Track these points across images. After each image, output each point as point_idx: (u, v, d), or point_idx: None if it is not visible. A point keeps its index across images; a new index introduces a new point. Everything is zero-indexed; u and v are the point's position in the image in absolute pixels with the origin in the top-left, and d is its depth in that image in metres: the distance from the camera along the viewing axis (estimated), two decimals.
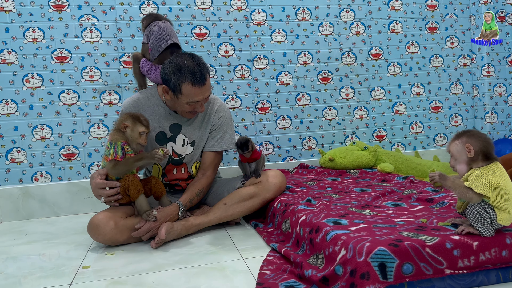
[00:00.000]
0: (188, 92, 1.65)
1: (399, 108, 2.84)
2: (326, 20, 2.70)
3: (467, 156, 1.16)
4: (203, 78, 1.65)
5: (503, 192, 1.11)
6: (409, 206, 1.55)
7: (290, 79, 2.67)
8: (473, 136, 1.17)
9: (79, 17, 2.34)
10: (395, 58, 2.81)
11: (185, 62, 1.65)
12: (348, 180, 2.22)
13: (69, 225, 2.11)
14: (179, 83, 1.64)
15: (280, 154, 2.69)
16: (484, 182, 1.10)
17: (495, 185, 1.10)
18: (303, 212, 1.50)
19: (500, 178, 1.11)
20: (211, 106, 1.87)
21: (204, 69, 1.67)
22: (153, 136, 1.81)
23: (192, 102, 1.68)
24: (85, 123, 2.37)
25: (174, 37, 1.85)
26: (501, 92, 2.86)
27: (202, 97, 1.68)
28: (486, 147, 1.15)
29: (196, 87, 1.64)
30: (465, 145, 1.16)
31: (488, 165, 1.14)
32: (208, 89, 1.70)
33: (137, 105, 1.80)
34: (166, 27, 1.87)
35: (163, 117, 1.81)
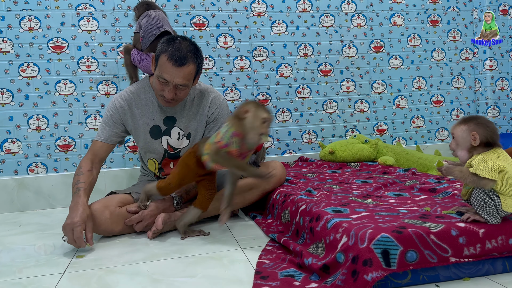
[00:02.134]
0: (162, 63, 1.57)
1: (400, 102, 2.81)
2: (327, 11, 2.66)
3: (470, 143, 1.13)
4: (181, 60, 1.54)
5: (508, 177, 1.07)
6: (412, 196, 1.52)
7: (290, 71, 2.63)
8: (481, 125, 1.13)
9: (76, 6, 2.30)
10: (396, 51, 2.78)
11: (179, 40, 1.59)
12: (349, 172, 2.19)
13: (64, 217, 2.02)
14: (161, 51, 1.57)
15: (279, 147, 2.65)
16: (488, 165, 1.07)
17: (500, 168, 1.06)
18: (303, 201, 1.47)
19: (504, 162, 1.08)
20: (205, 97, 1.79)
21: (190, 57, 1.56)
22: (147, 130, 1.75)
23: (161, 78, 1.58)
24: (82, 114, 2.33)
25: (166, 25, 1.78)
26: (503, 86, 2.83)
27: (170, 78, 1.56)
28: (492, 137, 1.12)
29: (170, 63, 1.54)
30: (471, 132, 1.13)
31: (490, 150, 1.11)
32: (182, 77, 1.57)
33: (129, 98, 1.73)
34: (158, 16, 1.81)
35: (156, 110, 1.75)
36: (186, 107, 1.77)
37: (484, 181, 1.07)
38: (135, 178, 2.21)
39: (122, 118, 1.73)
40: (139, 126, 1.75)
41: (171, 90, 1.59)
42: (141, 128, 1.75)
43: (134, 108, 1.74)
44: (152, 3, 1.97)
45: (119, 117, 1.73)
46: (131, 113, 1.74)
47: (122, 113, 1.73)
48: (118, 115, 1.73)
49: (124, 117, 1.74)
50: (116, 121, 1.73)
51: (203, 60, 1.67)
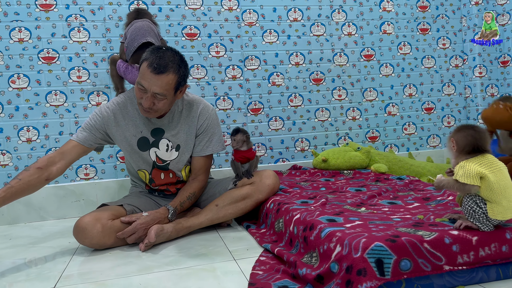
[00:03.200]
0: (142, 70, 1.55)
1: (391, 109, 2.82)
2: (317, 20, 2.68)
3: (453, 150, 1.16)
4: (160, 68, 1.52)
5: (491, 183, 1.07)
6: (405, 204, 1.52)
7: (282, 80, 2.64)
8: (460, 131, 1.17)
9: (67, 17, 2.29)
10: (387, 59, 2.80)
11: (165, 49, 1.58)
12: (342, 180, 2.19)
13: (55, 229, 2.04)
14: (143, 59, 1.56)
15: (272, 155, 2.65)
16: (466, 171, 1.08)
17: (479, 174, 1.07)
18: (297, 210, 1.46)
19: (484, 168, 1.08)
20: (194, 109, 1.78)
21: (171, 67, 1.54)
22: (135, 141, 1.73)
23: (140, 85, 1.56)
24: (73, 125, 2.31)
25: (150, 35, 1.75)
26: (493, 93, 2.86)
27: (147, 85, 1.54)
28: (472, 141, 1.13)
29: (149, 70, 1.53)
30: (450, 139, 1.17)
31: (475, 157, 1.12)
32: (160, 86, 1.54)
33: (115, 109, 1.72)
34: (143, 26, 1.78)
35: (143, 122, 1.73)
36: (174, 119, 1.76)
37: (467, 186, 1.08)
38: (127, 189, 2.19)
39: (105, 128, 1.71)
40: (126, 137, 1.73)
41: (148, 98, 1.57)
42: (128, 140, 1.73)
43: (121, 119, 1.72)
44: (142, 10, 1.95)
45: (102, 126, 1.71)
46: (117, 124, 1.72)
47: (106, 122, 1.71)
48: (102, 123, 1.71)
49: (108, 127, 1.72)
50: (98, 128, 1.70)
51: (187, 72, 1.64)
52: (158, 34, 1.83)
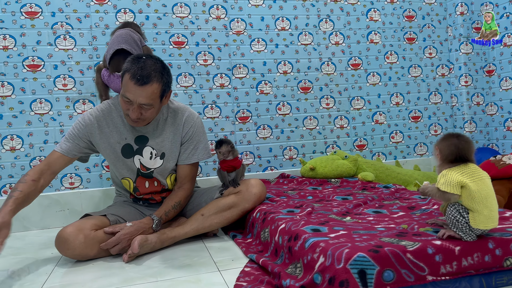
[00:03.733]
0: (125, 82, 1.55)
1: (379, 118, 2.84)
2: (305, 30, 2.70)
3: (437, 158, 1.17)
4: (143, 79, 1.52)
5: (472, 192, 1.08)
6: (390, 213, 1.52)
7: (270, 89, 2.64)
8: (444, 140, 1.17)
9: (52, 25, 2.28)
10: (374, 68, 2.82)
11: (145, 58, 1.56)
12: (329, 189, 2.19)
13: (38, 240, 2.01)
14: (125, 70, 1.55)
15: (260, 164, 2.64)
16: (447, 179, 1.09)
17: (459, 183, 1.08)
18: (283, 220, 1.45)
19: (465, 178, 1.09)
20: (179, 116, 1.77)
21: (154, 76, 1.53)
22: (119, 149, 1.72)
23: (125, 98, 1.55)
24: (58, 133, 2.29)
25: (125, 43, 1.75)
26: (479, 102, 2.89)
27: (132, 97, 1.53)
28: (455, 151, 1.13)
29: (132, 82, 1.52)
30: (435, 148, 1.18)
31: (457, 166, 1.13)
32: (145, 96, 1.53)
33: (99, 116, 1.70)
34: (121, 34, 1.79)
35: (128, 129, 1.71)
36: (159, 127, 1.75)
37: (447, 195, 1.09)
38: (112, 198, 2.16)
39: (89, 136, 1.69)
40: (110, 144, 1.71)
41: (135, 109, 1.56)
42: (112, 147, 1.72)
43: (105, 126, 1.70)
44: (129, 23, 1.97)
45: (85, 134, 1.69)
46: (100, 131, 1.70)
47: (90, 130, 1.69)
48: (85, 131, 1.69)
49: (91, 135, 1.70)
50: (81, 136, 1.68)
51: (170, 79, 1.64)
52: (139, 41, 1.83)
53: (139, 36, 1.86)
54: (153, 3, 2.43)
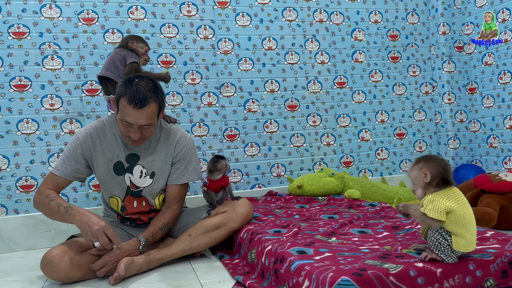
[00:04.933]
0: (122, 107, 1.57)
1: (364, 135, 2.88)
2: (291, 49, 2.75)
3: (423, 181, 1.17)
4: (141, 102, 1.55)
5: (457, 217, 1.11)
6: (375, 233, 1.54)
7: (258, 107, 2.67)
8: (429, 161, 1.18)
9: (40, 45, 2.29)
10: (359, 87, 2.88)
11: (137, 81, 1.59)
12: (316, 207, 2.21)
13: (24, 261, 1.98)
14: (120, 95, 1.58)
15: (248, 181, 2.65)
16: (435, 206, 1.11)
17: (447, 209, 1.10)
18: (269, 241, 1.47)
19: (452, 203, 1.11)
20: (171, 137, 1.79)
21: (150, 97, 1.57)
22: (111, 166, 1.73)
23: (125, 122, 1.58)
24: (45, 153, 2.28)
25: (104, 68, 1.84)
26: (462, 119, 2.96)
27: (133, 121, 1.57)
28: (442, 172, 1.16)
29: (130, 106, 1.55)
30: (421, 170, 1.18)
31: (442, 189, 1.15)
32: (145, 118, 1.57)
33: (93, 133, 1.71)
34: (108, 58, 1.88)
35: (120, 147, 1.73)
36: (151, 146, 1.76)
37: (431, 221, 1.11)
38: None
39: (84, 154, 1.70)
40: (102, 161, 1.72)
41: (136, 131, 1.60)
42: (104, 164, 1.72)
43: (98, 144, 1.71)
44: (126, 38, 1.98)
45: (82, 152, 1.70)
46: (94, 148, 1.71)
47: (85, 148, 1.70)
48: (81, 150, 1.70)
49: (87, 153, 1.71)
50: (77, 157, 1.69)
51: (164, 95, 1.68)
52: (122, 61, 1.86)
53: (123, 55, 1.87)
54: (141, 24, 2.46)
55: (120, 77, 1.82)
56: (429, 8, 3.03)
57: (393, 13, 2.95)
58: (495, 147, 2.80)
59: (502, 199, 1.93)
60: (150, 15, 2.48)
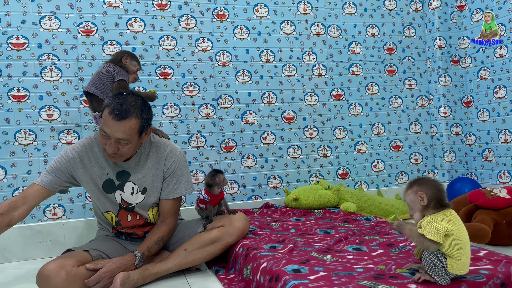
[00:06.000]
0: (104, 117, 1.57)
1: (361, 147, 2.90)
2: (289, 62, 2.77)
3: (420, 204, 1.18)
4: (121, 114, 1.54)
5: (454, 240, 1.12)
6: (369, 251, 1.55)
7: (255, 118, 2.69)
8: (423, 184, 1.20)
9: (39, 56, 2.30)
10: (356, 99, 2.90)
11: (125, 95, 1.60)
12: (312, 220, 2.22)
13: (19, 273, 1.98)
14: (105, 106, 1.59)
15: (245, 193, 2.66)
16: (435, 228, 1.12)
17: (445, 232, 1.11)
18: (265, 258, 1.47)
19: (451, 225, 1.13)
20: (161, 152, 1.78)
21: (133, 112, 1.56)
22: (100, 184, 1.73)
23: (103, 132, 1.58)
24: (42, 164, 2.28)
25: (90, 84, 1.84)
26: (457, 132, 2.98)
27: (110, 132, 1.56)
28: (437, 194, 1.17)
29: (111, 116, 1.55)
30: (417, 193, 1.19)
31: (440, 212, 1.16)
32: (122, 131, 1.55)
33: (81, 151, 1.71)
34: (96, 73, 1.88)
35: (110, 164, 1.72)
36: (140, 162, 1.76)
37: (429, 243, 1.12)
38: (95, 229, 2.15)
39: (70, 170, 1.70)
40: (92, 179, 1.72)
41: (112, 144, 1.57)
42: (94, 182, 1.72)
43: (86, 161, 1.72)
44: (118, 54, 1.97)
45: (67, 169, 1.70)
46: (83, 166, 1.71)
47: (72, 165, 1.70)
48: (67, 166, 1.70)
49: (74, 170, 1.71)
50: (63, 170, 1.69)
51: (151, 115, 1.66)
52: (110, 77, 1.85)
53: (112, 72, 1.86)
54: (140, 36, 2.48)
55: (105, 94, 1.80)
56: (426, 22, 3.06)
57: (390, 27, 2.98)
58: (490, 160, 2.82)
59: (496, 215, 1.94)
60: (149, 27, 2.50)
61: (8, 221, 1.58)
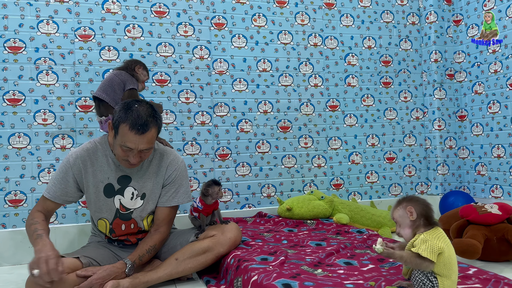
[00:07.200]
0: (123, 133, 1.58)
1: (355, 158, 2.91)
2: (286, 72, 2.78)
3: (409, 219, 1.19)
4: (143, 128, 1.57)
5: (445, 258, 1.13)
6: (360, 265, 1.56)
7: (251, 127, 2.70)
8: (412, 200, 1.22)
9: (35, 60, 2.30)
10: (351, 110, 2.91)
11: (137, 106, 1.61)
12: (305, 231, 2.22)
13: (9, 278, 1.97)
14: (119, 121, 1.59)
15: (238, 201, 2.67)
16: (429, 246, 1.12)
17: (439, 250, 1.12)
18: (255, 271, 1.47)
19: (442, 243, 1.14)
20: (164, 159, 1.80)
21: (150, 122, 1.59)
22: (101, 188, 1.73)
23: (125, 147, 1.59)
24: (35, 168, 2.28)
25: (100, 90, 1.85)
26: (451, 145, 3.00)
27: (134, 146, 1.58)
28: (426, 210, 1.19)
29: (132, 132, 1.57)
30: (406, 209, 1.20)
31: (431, 229, 1.17)
32: (146, 142, 1.59)
33: (84, 155, 1.71)
34: (105, 79, 1.90)
35: (112, 169, 1.74)
36: (143, 167, 1.77)
37: (425, 263, 1.12)
38: (87, 234, 2.14)
39: (75, 176, 1.71)
40: (93, 183, 1.73)
41: (136, 155, 1.62)
42: (95, 186, 1.73)
43: (89, 166, 1.72)
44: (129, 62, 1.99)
45: (72, 175, 1.71)
46: (85, 170, 1.72)
47: (76, 171, 1.71)
48: (72, 173, 1.70)
49: (78, 175, 1.71)
50: (68, 179, 1.70)
51: (161, 119, 1.70)
52: (121, 85, 1.87)
53: (123, 80, 1.88)
54: (138, 42, 2.48)
55: (115, 101, 1.83)
56: (422, 35, 3.09)
57: (387, 39, 3.01)
58: (483, 174, 2.84)
59: (487, 231, 1.95)
60: (147, 34, 2.50)
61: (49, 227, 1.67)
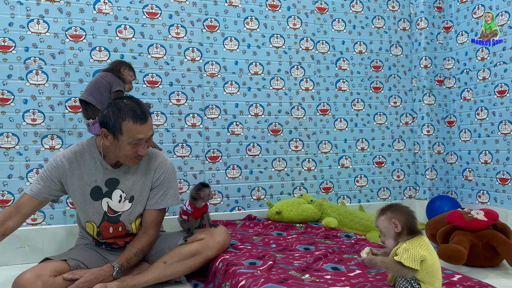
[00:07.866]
0: (129, 129, 1.59)
1: (345, 162, 2.93)
2: (277, 75, 2.79)
3: (394, 231, 1.21)
4: (144, 115, 1.61)
5: (428, 266, 1.15)
6: (347, 271, 1.57)
7: (241, 130, 2.70)
8: (397, 211, 1.22)
9: (25, 59, 2.28)
10: (341, 114, 2.93)
11: (124, 101, 1.62)
12: (293, 235, 2.23)
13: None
14: (119, 121, 1.59)
15: (228, 204, 2.67)
16: (412, 254, 1.14)
17: (421, 258, 1.14)
18: (243, 276, 1.48)
19: (425, 251, 1.16)
20: (152, 161, 1.80)
21: (144, 107, 1.65)
22: (88, 191, 1.72)
23: (134, 141, 1.61)
24: (23, 168, 2.26)
25: (87, 92, 1.85)
26: (440, 151, 3.04)
27: (144, 135, 1.62)
28: (410, 221, 1.20)
29: (138, 124, 1.59)
30: (391, 220, 1.21)
31: (413, 238, 1.19)
32: (150, 128, 1.66)
33: (71, 158, 1.71)
34: (92, 81, 1.88)
35: (99, 171, 1.73)
36: (130, 170, 1.76)
37: (406, 270, 1.14)
38: (75, 236, 2.13)
39: (60, 178, 1.70)
40: (79, 186, 1.72)
41: (145, 146, 1.66)
42: (81, 189, 1.72)
43: (76, 168, 1.71)
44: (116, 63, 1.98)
45: (57, 176, 1.70)
46: (71, 173, 1.71)
47: (62, 172, 1.70)
48: (57, 173, 1.70)
49: (63, 177, 1.70)
50: (53, 179, 1.69)
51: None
52: (107, 87, 1.86)
53: (109, 82, 1.87)
54: (129, 43, 2.48)
55: (102, 103, 1.82)
56: (413, 41, 3.12)
57: (378, 45, 3.03)
58: (470, 180, 2.88)
59: (473, 237, 1.98)
60: (139, 35, 2.50)
61: (3, 231, 1.62)
